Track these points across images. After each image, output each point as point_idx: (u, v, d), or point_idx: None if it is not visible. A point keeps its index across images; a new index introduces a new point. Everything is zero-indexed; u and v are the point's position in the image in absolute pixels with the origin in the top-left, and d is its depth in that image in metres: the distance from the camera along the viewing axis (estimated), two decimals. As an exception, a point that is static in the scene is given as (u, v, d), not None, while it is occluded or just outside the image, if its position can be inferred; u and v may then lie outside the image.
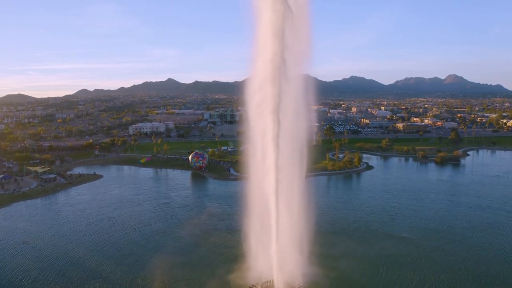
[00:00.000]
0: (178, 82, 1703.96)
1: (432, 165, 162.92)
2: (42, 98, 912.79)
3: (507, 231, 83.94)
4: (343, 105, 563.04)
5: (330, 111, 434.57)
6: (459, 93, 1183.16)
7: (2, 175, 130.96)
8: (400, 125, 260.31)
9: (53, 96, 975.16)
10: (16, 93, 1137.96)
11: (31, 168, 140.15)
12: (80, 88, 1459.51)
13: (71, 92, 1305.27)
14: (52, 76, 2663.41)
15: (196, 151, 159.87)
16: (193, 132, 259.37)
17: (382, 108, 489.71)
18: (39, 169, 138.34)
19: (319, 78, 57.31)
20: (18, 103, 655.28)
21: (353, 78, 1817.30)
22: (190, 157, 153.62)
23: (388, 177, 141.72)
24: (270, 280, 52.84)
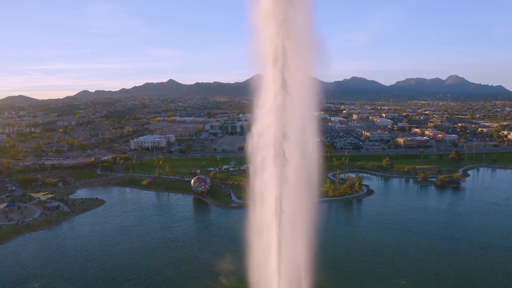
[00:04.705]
0: (179, 83, 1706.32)
1: (432, 189, 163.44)
2: (43, 100, 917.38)
3: (507, 276, 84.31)
4: (344, 111, 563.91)
5: (331, 119, 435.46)
6: (460, 94, 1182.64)
7: (6, 204, 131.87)
8: (401, 140, 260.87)
9: (54, 97, 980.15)
10: (17, 93, 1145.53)
11: (34, 195, 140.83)
12: (81, 89, 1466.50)
13: (72, 93, 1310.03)
14: (53, 76, 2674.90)
15: (199, 176, 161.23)
16: (195, 146, 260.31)
17: (383, 114, 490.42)
18: (41, 195, 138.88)
19: (319, 79, 58.89)
20: (20, 107, 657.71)
21: (354, 79, 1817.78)
22: (192, 181, 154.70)
23: (389, 204, 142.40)
24: None
